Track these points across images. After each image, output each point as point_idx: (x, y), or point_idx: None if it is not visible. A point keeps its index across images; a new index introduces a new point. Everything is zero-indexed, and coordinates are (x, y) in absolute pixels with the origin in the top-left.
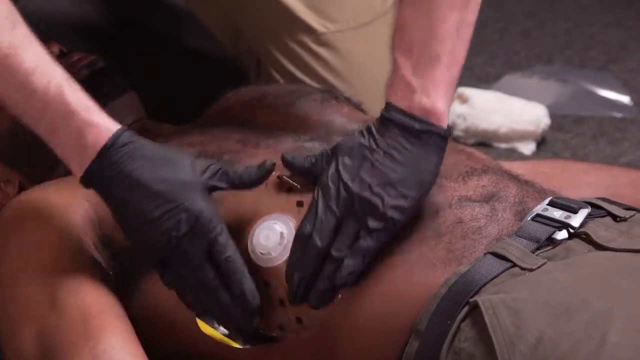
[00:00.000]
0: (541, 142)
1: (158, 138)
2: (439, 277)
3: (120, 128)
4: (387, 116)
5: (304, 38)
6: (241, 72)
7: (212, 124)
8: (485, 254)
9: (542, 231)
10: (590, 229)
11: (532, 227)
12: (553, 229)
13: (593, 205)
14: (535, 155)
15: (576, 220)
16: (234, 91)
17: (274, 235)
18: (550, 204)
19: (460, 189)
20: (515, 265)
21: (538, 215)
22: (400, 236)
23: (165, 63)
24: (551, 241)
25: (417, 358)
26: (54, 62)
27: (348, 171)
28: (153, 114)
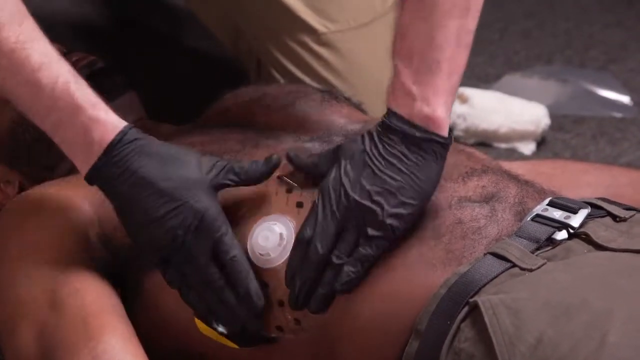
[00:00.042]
0: (541, 142)
1: (158, 138)
2: (439, 278)
3: (127, 125)
4: (388, 123)
5: (304, 38)
6: (241, 72)
7: (212, 124)
8: (485, 254)
9: (542, 231)
10: (590, 229)
11: (532, 228)
12: (553, 229)
13: (593, 205)
14: (535, 155)
15: (576, 220)
16: (234, 91)
17: (273, 236)
18: (550, 204)
19: (460, 190)
20: (515, 265)
21: (538, 215)
22: (400, 237)
23: (165, 63)
24: (551, 241)
25: (417, 358)
26: (61, 59)
27: (349, 177)
28: (153, 114)
